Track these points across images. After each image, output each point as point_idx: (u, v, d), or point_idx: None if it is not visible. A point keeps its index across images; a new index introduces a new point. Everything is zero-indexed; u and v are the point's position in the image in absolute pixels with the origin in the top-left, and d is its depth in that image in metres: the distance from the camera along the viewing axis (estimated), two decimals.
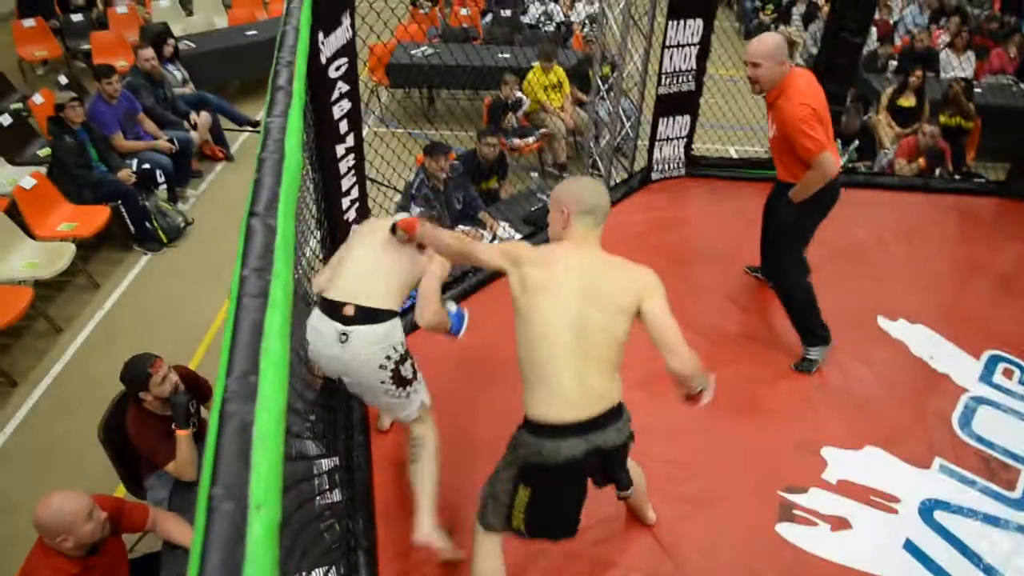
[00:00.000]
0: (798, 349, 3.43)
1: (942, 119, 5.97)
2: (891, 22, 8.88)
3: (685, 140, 4.84)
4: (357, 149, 2.94)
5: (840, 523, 2.76)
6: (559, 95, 6.26)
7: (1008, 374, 3.49)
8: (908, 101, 6.37)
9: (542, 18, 8.03)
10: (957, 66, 7.43)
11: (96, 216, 4.93)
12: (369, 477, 2.87)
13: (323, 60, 2.51)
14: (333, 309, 2.22)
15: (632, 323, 1.98)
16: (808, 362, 3.40)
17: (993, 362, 3.54)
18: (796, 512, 2.78)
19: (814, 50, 7.21)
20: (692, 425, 3.06)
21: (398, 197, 4.52)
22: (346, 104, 2.76)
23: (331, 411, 2.88)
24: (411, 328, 2.81)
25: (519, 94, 6.14)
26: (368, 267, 2.29)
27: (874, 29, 8.07)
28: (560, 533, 2.15)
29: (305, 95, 1.91)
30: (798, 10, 8.84)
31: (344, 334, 2.20)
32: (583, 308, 1.92)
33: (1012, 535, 2.76)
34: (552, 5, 8.11)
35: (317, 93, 2.55)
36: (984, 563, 2.65)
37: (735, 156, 6.06)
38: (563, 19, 8.03)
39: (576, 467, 1.96)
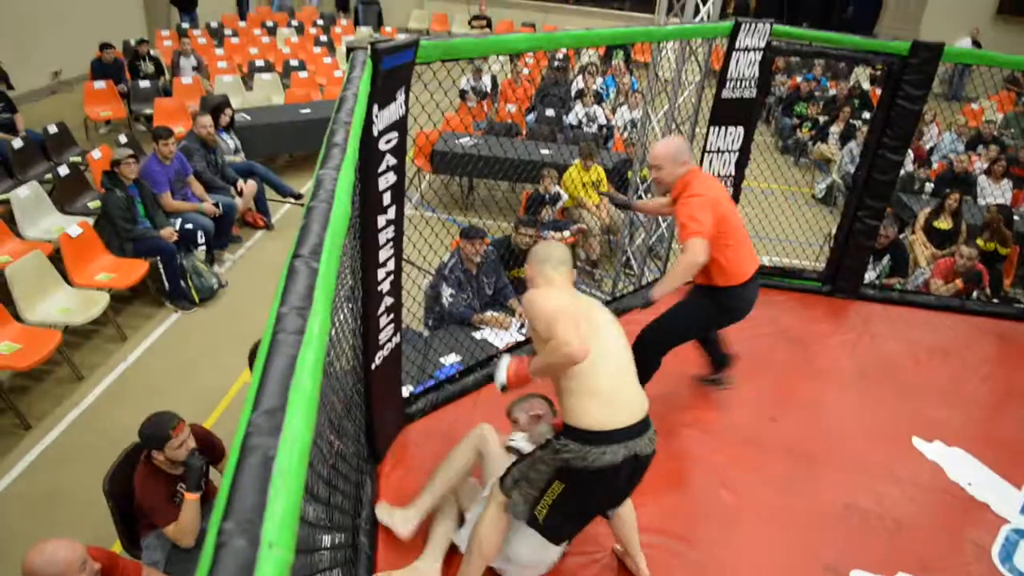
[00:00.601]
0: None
1: (979, 243, 5.96)
2: (926, 148, 9.01)
3: None
4: (397, 222, 2.97)
5: None
6: (596, 193, 6.38)
7: None
8: (944, 224, 6.37)
9: (584, 119, 8.27)
10: (994, 192, 7.45)
11: (134, 269, 5.02)
12: (373, 558, 2.75)
13: (375, 132, 2.57)
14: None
15: None
16: None
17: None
18: None
19: (851, 168, 7.29)
20: (716, 534, 2.93)
21: (428, 279, 4.56)
22: (392, 177, 2.81)
23: (343, 483, 2.80)
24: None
25: (557, 188, 6.26)
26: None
27: (910, 152, 8.18)
28: (569, 534, 2.39)
29: (356, 158, 1.94)
30: (836, 128, 9.02)
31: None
32: (615, 334, 2.28)
33: None
34: (595, 108, 8.36)
35: (366, 163, 2.61)
36: None
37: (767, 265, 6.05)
38: (605, 122, 8.26)
39: (612, 472, 2.13)
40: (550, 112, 8.53)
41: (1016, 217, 6.53)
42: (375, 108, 2.52)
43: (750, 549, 2.88)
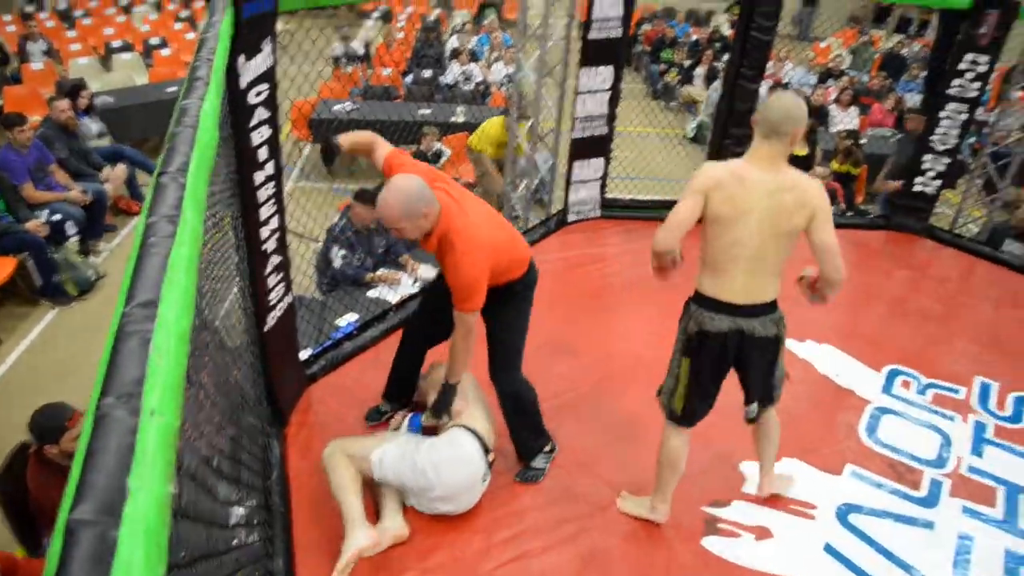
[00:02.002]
0: None
1: (834, 166, 6.45)
2: (784, 79, 9.54)
3: (600, 182, 5.03)
4: (276, 178, 2.94)
5: (763, 533, 2.83)
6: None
7: (906, 385, 3.70)
8: (801, 150, 6.82)
9: (461, 78, 8.29)
10: (843, 119, 8.01)
11: (0, 268, 4.73)
12: (288, 516, 2.78)
13: (243, 84, 2.53)
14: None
15: (797, 241, 2.37)
16: (534, 471, 2.99)
17: (892, 375, 3.74)
18: (720, 525, 2.84)
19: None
20: (616, 444, 3.11)
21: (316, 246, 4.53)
22: (266, 131, 2.77)
23: (248, 442, 2.79)
24: None
25: (439, 145, 6.28)
26: None
27: (769, 81, 8.67)
28: (702, 412, 2.61)
29: (223, 94, 1.91)
30: (700, 71, 9.41)
31: None
32: (767, 228, 2.30)
33: (921, 531, 2.89)
34: (471, 66, 8.39)
35: (237, 118, 2.56)
36: (898, 559, 2.75)
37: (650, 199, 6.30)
38: (481, 79, 8.31)
39: (721, 340, 2.41)
40: (427, 73, 8.49)
41: (863, 140, 7.07)
42: (241, 59, 2.47)
43: (649, 456, 3.08)
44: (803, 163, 6.73)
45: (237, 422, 2.67)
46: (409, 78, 8.61)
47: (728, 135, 4.90)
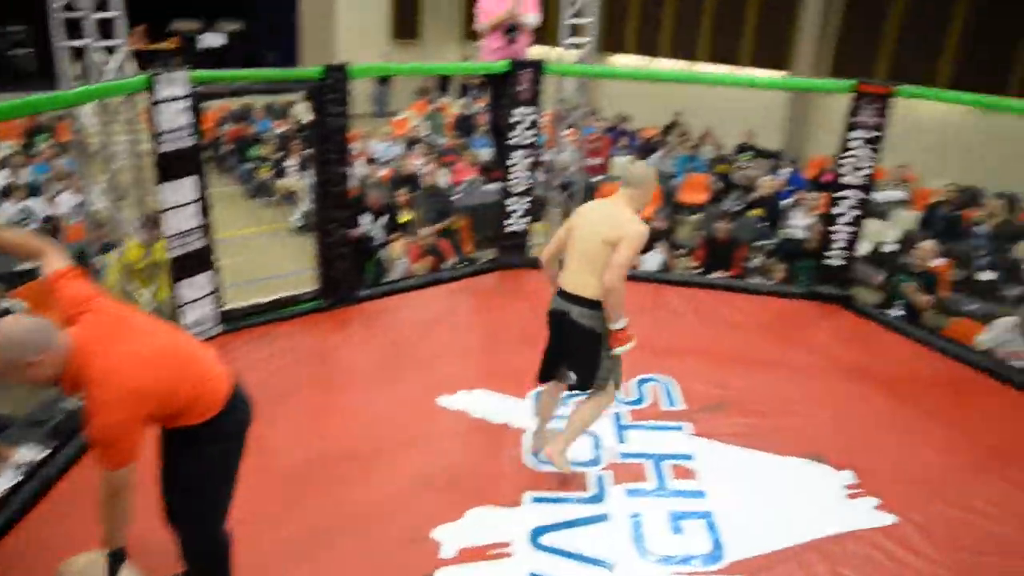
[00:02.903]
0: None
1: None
2: (370, 155, 10.15)
3: (212, 297, 4.70)
4: None
5: None
6: None
7: None
8: (404, 216, 7.33)
9: (19, 217, 7.20)
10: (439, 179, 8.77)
11: None
12: None
13: None
14: None
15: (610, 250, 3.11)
16: None
17: (537, 397, 4.09)
18: None
19: None
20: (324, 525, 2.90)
21: None
22: None
23: None
24: None
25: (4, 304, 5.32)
26: None
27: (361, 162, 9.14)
28: (543, 374, 3.50)
29: None
30: (293, 161, 9.49)
31: None
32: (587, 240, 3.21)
33: (600, 525, 3.20)
34: (30, 202, 7.36)
35: None
36: (591, 558, 3.01)
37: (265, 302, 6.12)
38: (47, 214, 7.30)
39: (555, 316, 3.33)
40: None
41: (455, 196, 7.80)
42: None
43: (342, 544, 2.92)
44: (408, 227, 7.19)
45: None
46: None
47: (332, 219, 4.98)
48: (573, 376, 3.38)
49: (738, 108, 6.47)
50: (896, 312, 5.53)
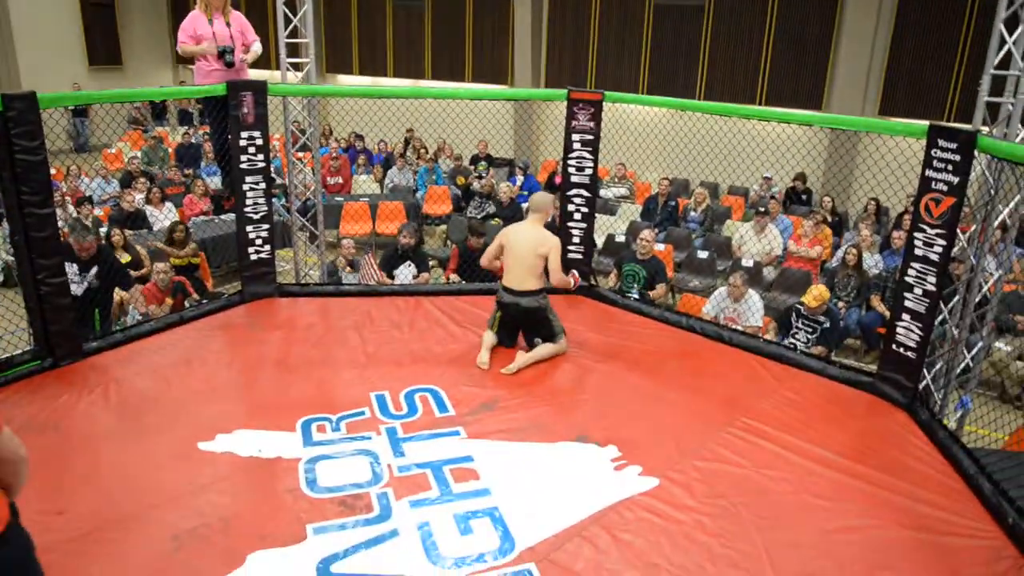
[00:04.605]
0: None
1: (174, 261, 6.43)
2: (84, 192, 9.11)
3: None
4: None
5: None
6: None
7: (322, 428, 3.91)
8: (122, 258, 6.65)
9: None
10: (164, 216, 8.06)
11: None
12: None
13: None
14: None
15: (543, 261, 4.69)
16: None
17: (307, 425, 3.92)
18: None
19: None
20: None
21: None
22: None
23: None
24: None
25: None
26: None
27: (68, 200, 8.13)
28: (502, 340, 4.88)
29: None
30: None
31: None
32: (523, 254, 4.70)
33: (391, 542, 3.12)
34: None
35: None
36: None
37: None
38: None
39: (506, 307, 4.78)
40: None
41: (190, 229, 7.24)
42: None
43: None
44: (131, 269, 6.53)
45: None
46: None
47: (41, 268, 4.34)
48: (540, 340, 4.80)
49: (467, 121, 6.74)
50: (633, 295, 6.12)
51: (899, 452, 3.93)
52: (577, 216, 5.93)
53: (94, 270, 5.48)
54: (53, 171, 5.00)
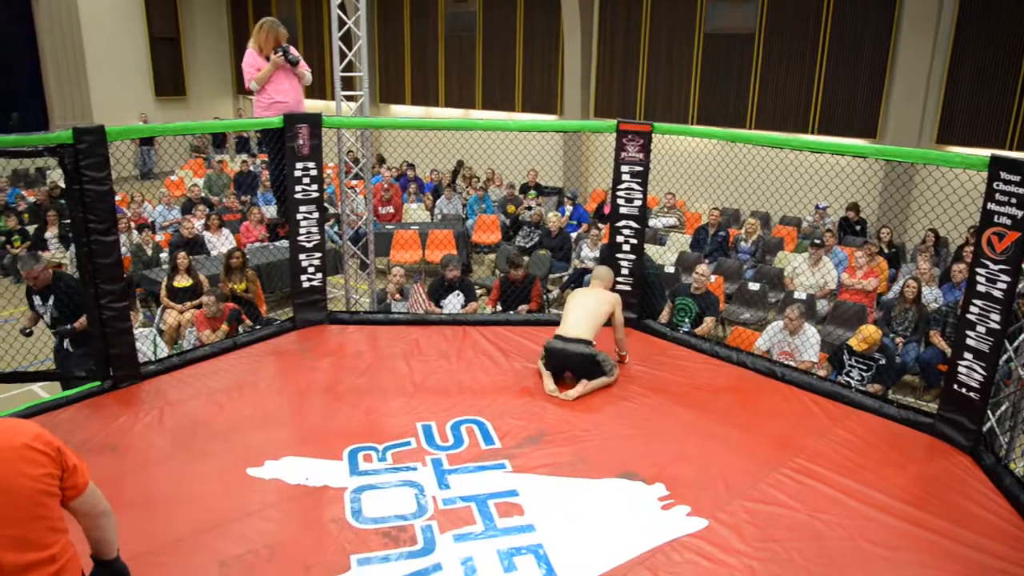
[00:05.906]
0: None
1: (233, 286, 6.62)
2: (146, 216, 9.44)
3: None
4: None
5: None
6: None
7: (368, 458, 3.94)
8: (183, 282, 6.86)
9: None
10: (221, 243, 8.28)
11: None
12: None
13: None
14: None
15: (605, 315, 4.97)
16: None
17: (353, 455, 3.95)
18: None
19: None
20: None
21: None
22: None
23: None
24: None
25: None
26: None
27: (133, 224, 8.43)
28: (547, 380, 4.84)
29: None
30: (52, 233, 8.54)
31: None
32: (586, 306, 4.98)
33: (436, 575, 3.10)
34: None
35: None
36: None
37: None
38: None
39: (552, 353, 4.85)
40: None
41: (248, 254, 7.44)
42: None
43: None
44: (189, 293, 6.72)
45: None
46: None
47: (104, 293, 4.50)
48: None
49: (517, 151, 6.80)
50: (685, 329, 6.03)
51: (962, 498, 3.77)
52: (626, 248, 5.90)
53: (51, 300, 5.13)
54: (118, 198, 5.18)
